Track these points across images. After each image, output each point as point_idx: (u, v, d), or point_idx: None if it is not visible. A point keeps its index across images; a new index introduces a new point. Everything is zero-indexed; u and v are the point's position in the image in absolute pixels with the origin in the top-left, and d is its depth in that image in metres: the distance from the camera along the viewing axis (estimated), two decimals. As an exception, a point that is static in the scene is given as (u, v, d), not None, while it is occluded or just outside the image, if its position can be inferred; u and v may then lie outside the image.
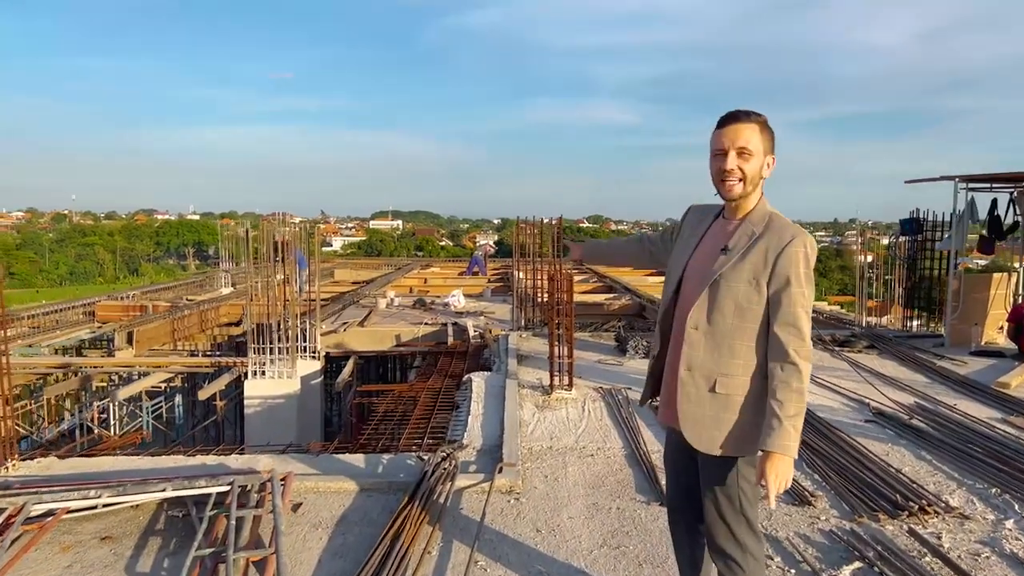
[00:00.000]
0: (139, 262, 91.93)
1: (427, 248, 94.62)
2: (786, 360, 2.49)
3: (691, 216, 2.91)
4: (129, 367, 11.99)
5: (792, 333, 2.50)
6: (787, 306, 2.51)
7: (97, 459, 5.30)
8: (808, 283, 2.54)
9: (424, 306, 15.35)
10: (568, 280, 7.02)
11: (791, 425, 2.45)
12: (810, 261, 2.54)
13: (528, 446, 5.52)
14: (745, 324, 2.57)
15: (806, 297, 2.53)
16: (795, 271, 2.51)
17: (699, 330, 2.67)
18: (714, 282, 2.61)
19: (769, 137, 2.62)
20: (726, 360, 2.60)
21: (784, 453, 2.44)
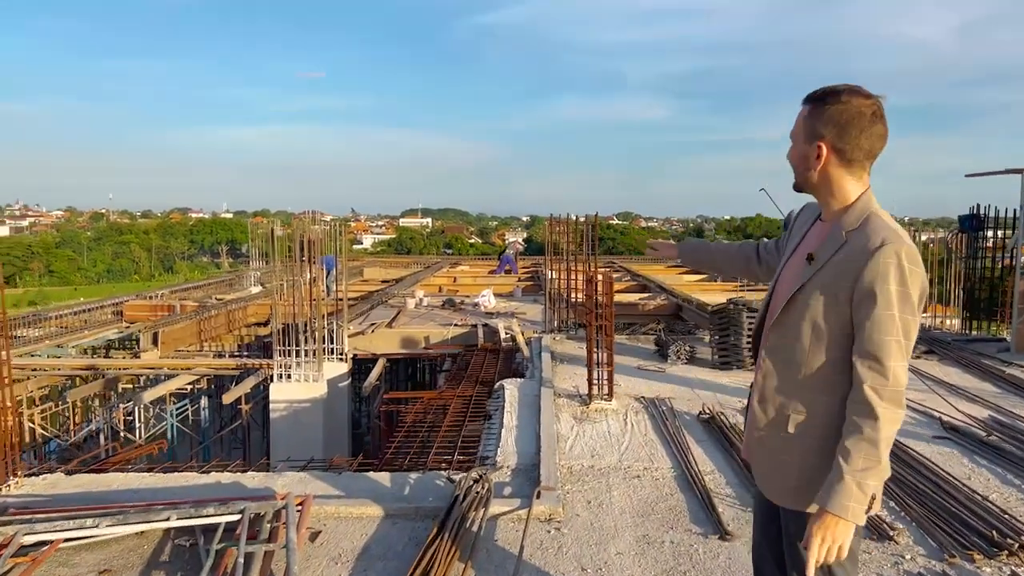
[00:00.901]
0: (174, 260, 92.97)
1: (456, 246, 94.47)
2: (861, 400, 2.00)
3: (800, 216, 2.43)
4: (154, 369, 11.74)
5: (872, 368, 1.99)
6: (870, 332, 2.00)
7: (105, 476, 4.95)
8: (903, 304, 1.98)
9: (454, 306, 14.94)
10: (608, 282, 6.55)
11: (856, 482, 1.96)
12: (906, 276, 1.98)
13: (567, 465, 5.07)
14: (823, 351, 2.10)
15: (898, 322, 1.98)
16: (882, 287, 1.98)
17: (773, 355, 2.22)
18: (793, 297, 2.15)
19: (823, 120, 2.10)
20: (799, 394, 2.14)
21: (841, 515, 1.96)
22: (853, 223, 2.10)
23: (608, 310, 6.51)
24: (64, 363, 11.74)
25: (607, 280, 6.56)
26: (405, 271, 26.73)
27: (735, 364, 8.15)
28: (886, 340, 1.98)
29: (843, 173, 2.13)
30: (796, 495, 2.18)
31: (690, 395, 7.09)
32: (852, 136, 2.08)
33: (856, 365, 2.02)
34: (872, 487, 1.98)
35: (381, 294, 17.06)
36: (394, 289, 18.28)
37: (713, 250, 2.89)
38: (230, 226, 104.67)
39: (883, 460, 1.99)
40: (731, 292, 18.68)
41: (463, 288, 19.76)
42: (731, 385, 7.50)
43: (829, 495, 1.98)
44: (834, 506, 1.97)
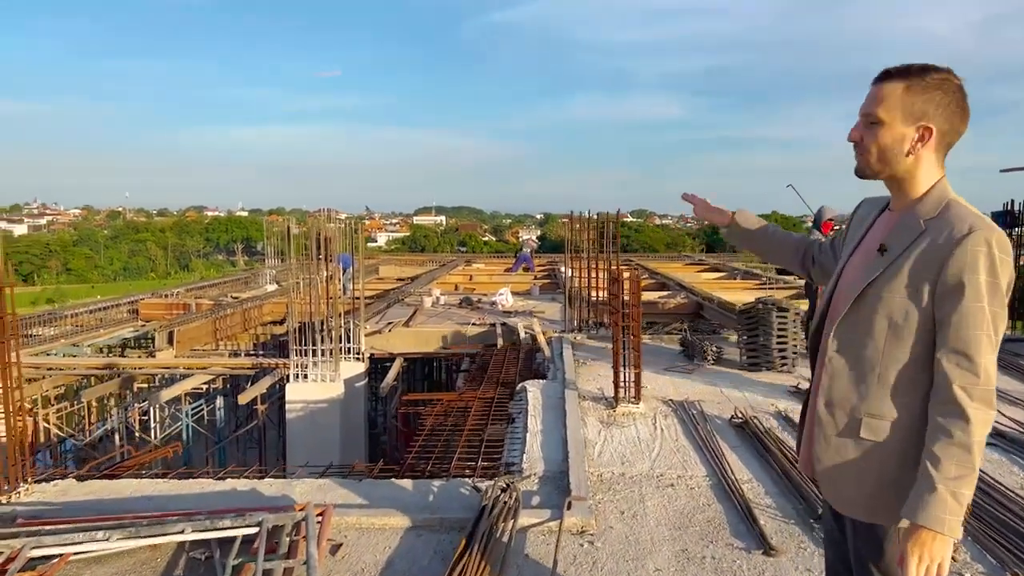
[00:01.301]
0: (190, 258, 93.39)
1: (470, 244, 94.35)
2: (949, 401, 1.82)
3: (861, 211, 2.24)
4: (169, 368, 11.61)
5: (961, 364, 1.82)
6: (957, 326, 1.83)
7: (118, 482, 4.78)
8: (993, 295, 1.82)
9: (471, 305, 14.74)
10: (635, 281, 6.32)
11: (950, 492, 1.77)
12: (997, 265, 1.82)
13: (597, 472, 4.85)
14: (902, 349, 1.91)
15: (988, 315, 1.82)
16: (971, 277, 1.82)
17: (842, 354, 2.02)
18: (863, 292, 1.96)
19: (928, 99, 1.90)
20: (875, 396, 1.95)
21: (937, 529, 1.77)
22: (931, 211, 1.92)
23: (635, 310, 6.28)
24: (79, 362, 11.64)
25: (633, 279, 6.33)
26: (420, 269, 26.57)
27: (764, 365, 7.90)
28: (976, 335, 1.82)
29: (934, 158, 1.97)
30: (871, 506, 1.99)
31: (719, 398, 6.86)
32: (957, 117, 1.92)
33: (942, 362, 1.84)
34: (967, 497, 1.80)
35: (397, 292, 16.89)
36: (410, 287, 18.11)
37: (769, 231, 2.60)
38: (245, 224, 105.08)
39: (976, 467, 1.81)
40: (753, 290, 18.38)
41: (479, 286, 19.57)
42: (761, 387, 7.26)
43: (921, 508, 1.79)
44: (929, 520, 1.78)
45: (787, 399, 6.77)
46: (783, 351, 7.85)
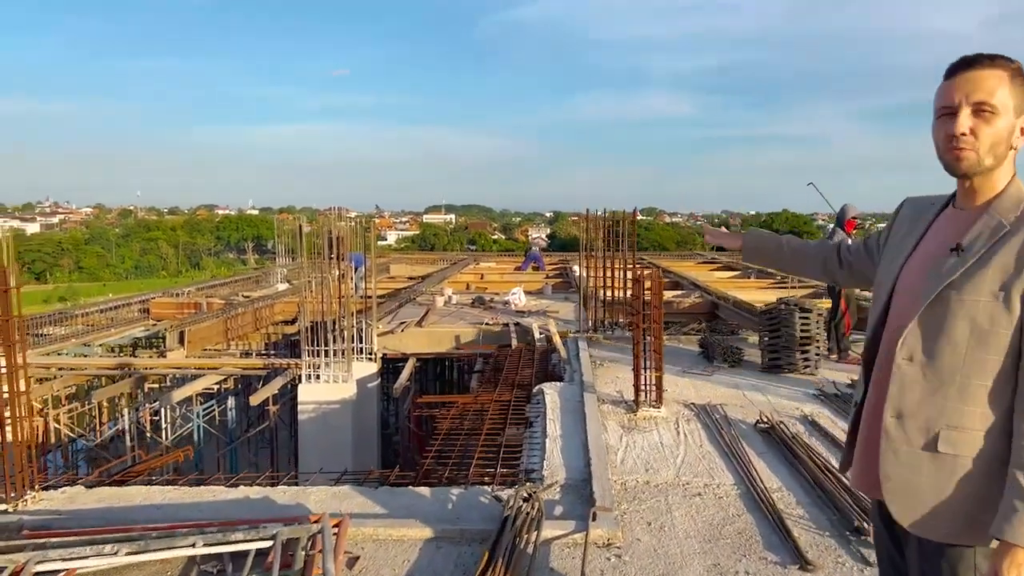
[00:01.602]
0: (200, 256, 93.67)
1: (479, 242, 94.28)
2: None
3: (906, 211, 2.11)
4: (180, 368, 11.51)
5: None
6: None
7: (127, 489, 4.65)
8: None
9: (483, 304, 14.59)
10: (658, 282, 6.15)
11: None
12: None
13: (620, 480, 4.69)
14: (986, 355, 1.76)
15: None
16: None
17: (915, 362, 1.86)
18: (940, 294, 1.81)
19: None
20: (955, 406, 1.80)
21: None
22: (1012, 209, 1.80)
23: (657, 312, 6.11)
24: (90, 362, 11.55)
25: (655, 280, 6.16)
26: (431, 268, 26.44)
27: (786, 367, 7.71)
28: None
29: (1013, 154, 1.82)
30: (950, 526, 1.82)
31: (742, 401, 6.68)
32: None
33: None
34: None
35: (409, 292, 16.76)
36: (422, 286, 17.97)
37: (784, 245, 2.54)
38: (256, 223, 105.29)
39: None
40: (767, 289, 18.16)
41: (491, 285, 19.42)
42: (784, 390, 7.08)
43: (1013, 524, 1.65)
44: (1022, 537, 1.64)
45: (812, 403, 6.59)
46: (806, 353, 7.66)
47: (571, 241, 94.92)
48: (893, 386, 1.90)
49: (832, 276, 2.42)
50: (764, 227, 54.30)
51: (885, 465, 1.91)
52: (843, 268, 2.36)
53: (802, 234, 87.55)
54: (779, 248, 2.54)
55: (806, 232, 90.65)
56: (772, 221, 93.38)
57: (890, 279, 2.01)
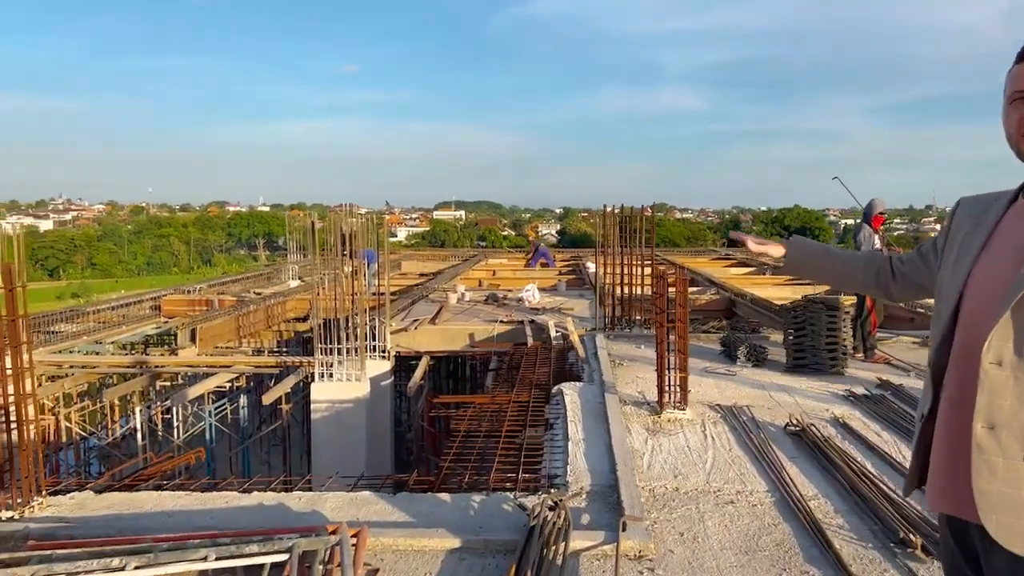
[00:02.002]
0: (212, 252, 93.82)
1: (489, 238, 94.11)
2: None
3: (962, 211, 1.96)
4: (192, 366, 11.39)
5: None
6: None
7: (138, 495, 4.50)
8: None
9: (497, 301, 14.43)
10: (683, 281, 5.95)
11: None
12: None
13: (648, 487, 4.50)
14: None
15: None
16: None
17: (1004, 366, 1.69)
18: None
19: None
20: None
21: None
22: None
23: (682, 311, 5.91)
24: (101, 360, 11.45)
25: (681, 278, 5.96)
26: (443, 264, 26.30)
27: (813, 367, 7.50)
28: None
29: None
30: None
31: (768, 402, 6.48)
32: None
33: None
34: None
35: (422, 289, 16.60)
36: (434, 283, 17.82)
37: (833, 256, 2.39)
38: (267, 219, 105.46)
39: None
40: (784, 286, 17.91)
41: (503, 282, 19.25)
42: (811, 391, 6.87)
43: None
44: None
45: (842, 404, 6.38)
46: (833, 352, 7.45)
47: (581, 237, 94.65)
48: (981, 395, 1.72)
49: (886, 289, 2.28)
50: (776, 223, 53.75)
51: (979, 480, 1.73)
52: (896, 280, 2.23)
53: (814, 230, 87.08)
54: (825, 257, 2.39)
55: (818, 228, 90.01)
56: (783, 217, 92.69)
57: (957, 283, 1.85)
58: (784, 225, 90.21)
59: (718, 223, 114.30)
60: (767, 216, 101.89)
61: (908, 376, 7.37)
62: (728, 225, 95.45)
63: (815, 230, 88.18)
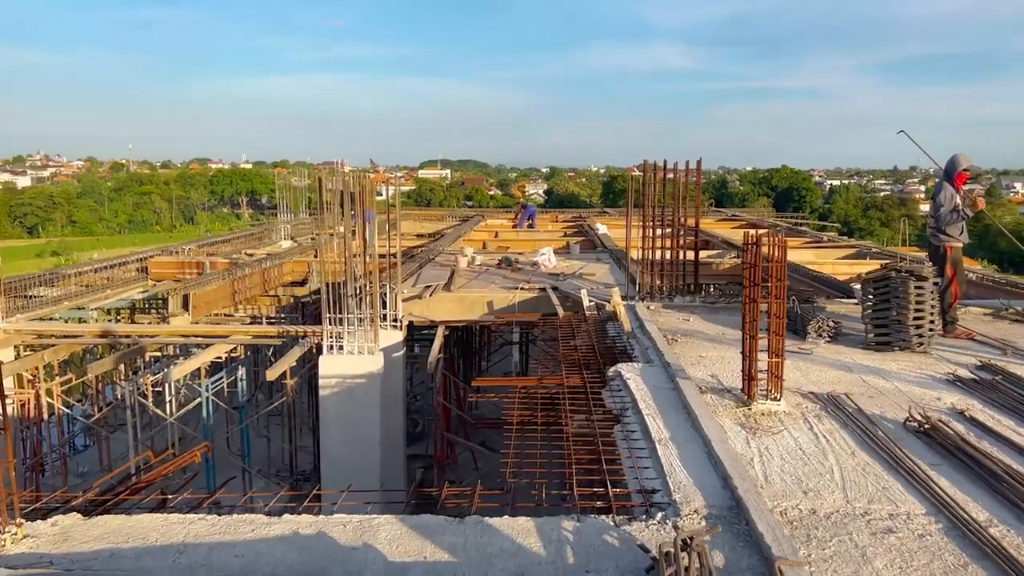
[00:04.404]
0: (194, 211, 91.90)
1: (476, 197, 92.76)
2: None
3: None
4: (185, 336, 10.41)
5: None
6: None
7: (137, 521, 3.57)
8: None
9: (511, 265, 13.44)
10: (781, 247, 5.03)
11: None
12: None
13: (775, 506, 3.63)
14: None
15: None
16: None
17: None
18: None
19: None
20: None
21: None
22: None
23: (780, 285, 5.00)
24: (86, 329, 10.41)
25: (780, 244, 5.04)
26: (441, 224, 25.24)
27: (897, 344, 6.63)
28: None
29: None
30: None
31: (864, 388, 5.61)
32: None
33: None
34: None
35: (427, 251, 15.59)
36: (439, 245, 16.81)
37: None
38: (250, 176, 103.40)
39: None
40: (802, 249, 17.06)
41: (509, 244, 18.27)
42: (907, 373, 6.00)
43: None
44: None
45: (951, 391, 5.52)
46: (919, 328, 6.58)
47: (568, 197, 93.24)
48: None
49: None
50: (763, 183, 53.40)
51: None
52: None
53: (801, 191, 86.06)
54: None
55: (805, 189, 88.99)
56: (771, 177, 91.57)
57: None
58: (772, 185, 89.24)
59: (705, 183, 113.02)
60: (755, 176, 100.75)
61: (1005, 355, 6.53)
62: (714, 186, 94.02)
63: (802, 191, 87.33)
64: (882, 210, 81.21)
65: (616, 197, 79.07)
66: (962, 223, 7.42)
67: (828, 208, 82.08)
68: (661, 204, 10.24)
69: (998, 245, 45.75)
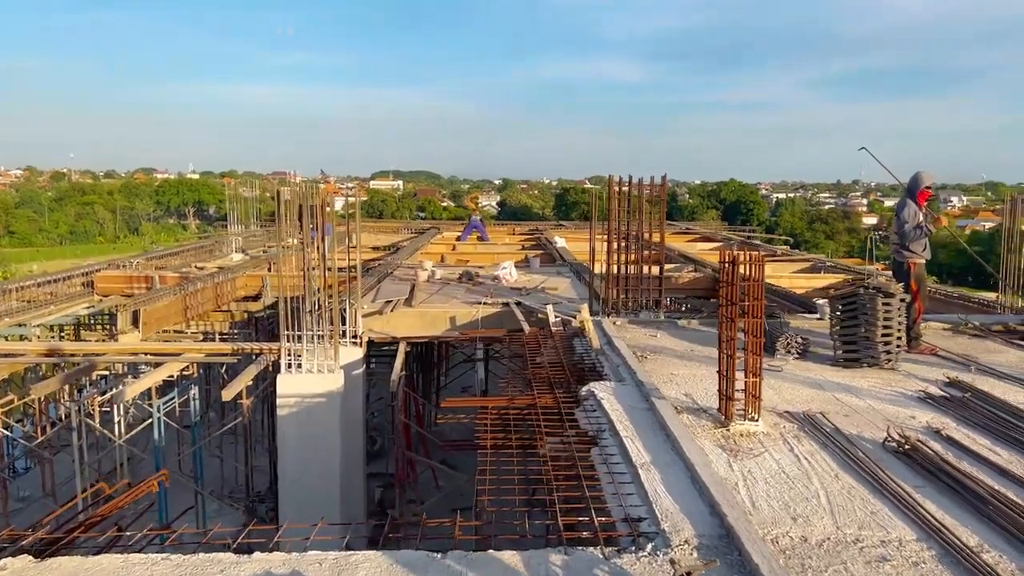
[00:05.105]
0: (139, 221, 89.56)
1: (429, 209, 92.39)
2: None
3: None
4: (136, 354, 9.98)
5: None
6: None
7: (96, 563, 3.31)
8: None
9: (472, 280, 13.29)
10: (759, 263, 4.99)
11: None
12: None
13: (765, 534, 3.54)
14: None
15: None
16: None
17: None
18: None
19: None
20: None
21: None
22: None
23: (758, 304, 4.95)
24: (28, 348, 9.92)
25: (756, 261, 4.99)
26: (397, 237, 24.95)
27: (866, 361, 6.66)
28: None
29: None
30: None
31: (838, 406, 5.60)
32: None
33: None
34: None
35: (385, 265, 15.35)
36: (396, 259, 16.58)
37: None
38: (197, 187, 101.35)
39: None
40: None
41: (468, 257, 18.14)
42: (878, 391, 6.02)
43: None
44: None
45: (925, 409, 5.54)
46: (887, 344, 6.62)
47: (522, 209, 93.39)
48: None
49: None
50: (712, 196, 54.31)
51: None
52: None
53: (749, 204, 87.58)
54: None
55: (752, 202, 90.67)
56: (720, 190, 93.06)
57: None
58: (720, 198, 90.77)
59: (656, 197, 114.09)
60: (703, 189, 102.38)
61: (969, 371, 6.60)
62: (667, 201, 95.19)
63: (749, 203, 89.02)
64: (827, 223, 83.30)
65: (569, 209, 79.49)
66: (925, 239, 7.52)
67: (775, 221, 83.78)
68: (627, 218, 10.23)
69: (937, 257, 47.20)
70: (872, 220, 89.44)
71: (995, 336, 8.11)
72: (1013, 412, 5.33)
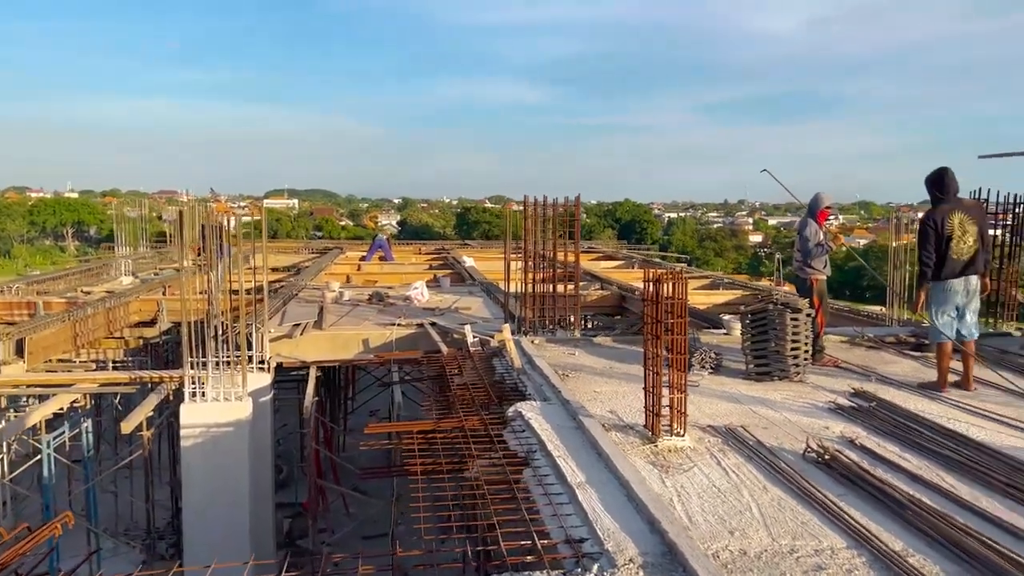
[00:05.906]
0: (12, 243, 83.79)
1: (326, 228, 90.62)
2: None
3: None
4: (17, 387, 9.29)
5: None
6: None
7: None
8: None
9: (383, 301, 13.07)
10: (682, 282, 5.11)
11: None
12: None
13: (705, 549, 3.59)
14: None
15: None
16: None
17: None
18: None
19: None
20: None
21: None
22: None
23: (681, 322, 5.06)
24: None
25: (679, 280, 5.11)
26: (297, 257, 24.29)
27: (776, 375, 6.93)
28: None
29: None
30: None
31: (756, 419, 5.78)
32: None
33: None
34: None
35: (289, 286, 14.91)
36: (300, 280, 16.13)
37: None
38: (76, 207, 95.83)
39: None
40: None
41: (376, 277, 17.85)
42: (791, 403, 6.26)
43: None
44: None
45: (837, 419, 5.79)
46: (796, 358, 6.91)
47: (423, 228, 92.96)
48: None
49: None
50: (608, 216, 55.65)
51: None
52: None
53: (643, 223, 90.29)
54: None
55: (646, 221, 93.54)
56: (615, 210, 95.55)
57: None
58: (616, 218, 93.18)
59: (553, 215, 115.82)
60: (600, 209, 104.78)
61: (870, 380, 6.96)
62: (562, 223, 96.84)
63: (644, 223, 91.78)
64: (716, 241, 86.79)
65: (471, 228, 79.62)
66: (825, 257, 7.92)
67: (668, 239, 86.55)
68: (542, 237, 10.35)
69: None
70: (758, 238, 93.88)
71: (888, 347, 8.60)
72: (915, 420, 5.65)
